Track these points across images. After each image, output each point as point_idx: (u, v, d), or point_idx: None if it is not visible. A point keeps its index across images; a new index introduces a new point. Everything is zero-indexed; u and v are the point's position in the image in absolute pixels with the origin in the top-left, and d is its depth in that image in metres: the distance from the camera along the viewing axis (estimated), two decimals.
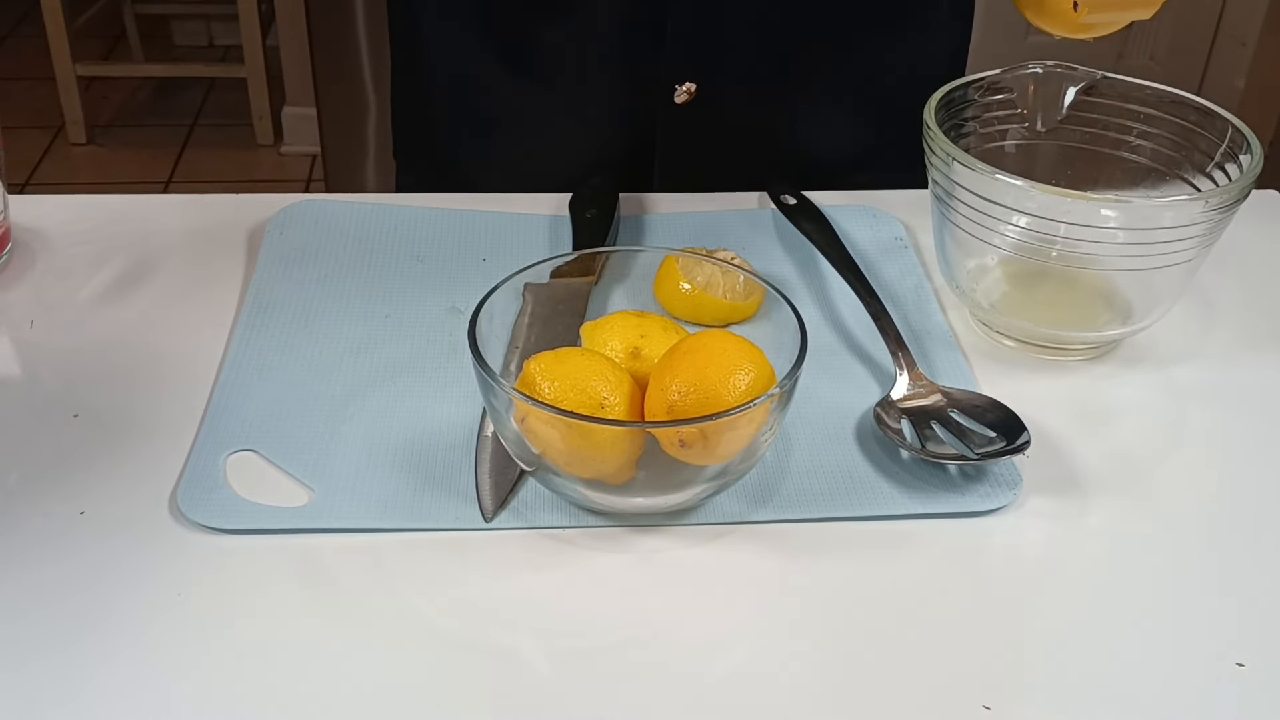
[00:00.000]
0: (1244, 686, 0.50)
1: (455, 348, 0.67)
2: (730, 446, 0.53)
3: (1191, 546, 0.57)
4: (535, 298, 0.67)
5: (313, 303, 0.70)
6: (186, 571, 0.53)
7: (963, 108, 0.70)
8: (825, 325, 0.70)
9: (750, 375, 0.54)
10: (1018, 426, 0.60)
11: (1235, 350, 0.71)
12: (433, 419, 0.62)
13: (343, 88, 2.05)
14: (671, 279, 0.69)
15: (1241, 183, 0.63)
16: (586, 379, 0.55)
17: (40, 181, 2.56)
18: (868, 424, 0.63)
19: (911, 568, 0.55)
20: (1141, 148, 0.71)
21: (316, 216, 0.78)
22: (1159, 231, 0.63)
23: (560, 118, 0.86)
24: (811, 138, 0.88)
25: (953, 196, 0.66)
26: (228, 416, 0.61)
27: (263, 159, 2.68)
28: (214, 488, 0.57)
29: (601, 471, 0.54)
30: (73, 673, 0.49)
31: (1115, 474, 0.61)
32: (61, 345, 0.67)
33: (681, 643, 0.51)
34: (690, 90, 0.81)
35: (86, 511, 0.56)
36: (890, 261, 0.76)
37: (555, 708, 0.48)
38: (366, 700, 0.48)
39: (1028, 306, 0.69)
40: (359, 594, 0.53)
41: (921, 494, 0.58)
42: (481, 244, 0.76)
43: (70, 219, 0.77)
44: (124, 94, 2.88)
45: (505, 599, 0.53)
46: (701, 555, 0.56)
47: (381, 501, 0.57)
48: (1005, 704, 0.49)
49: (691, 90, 0.81)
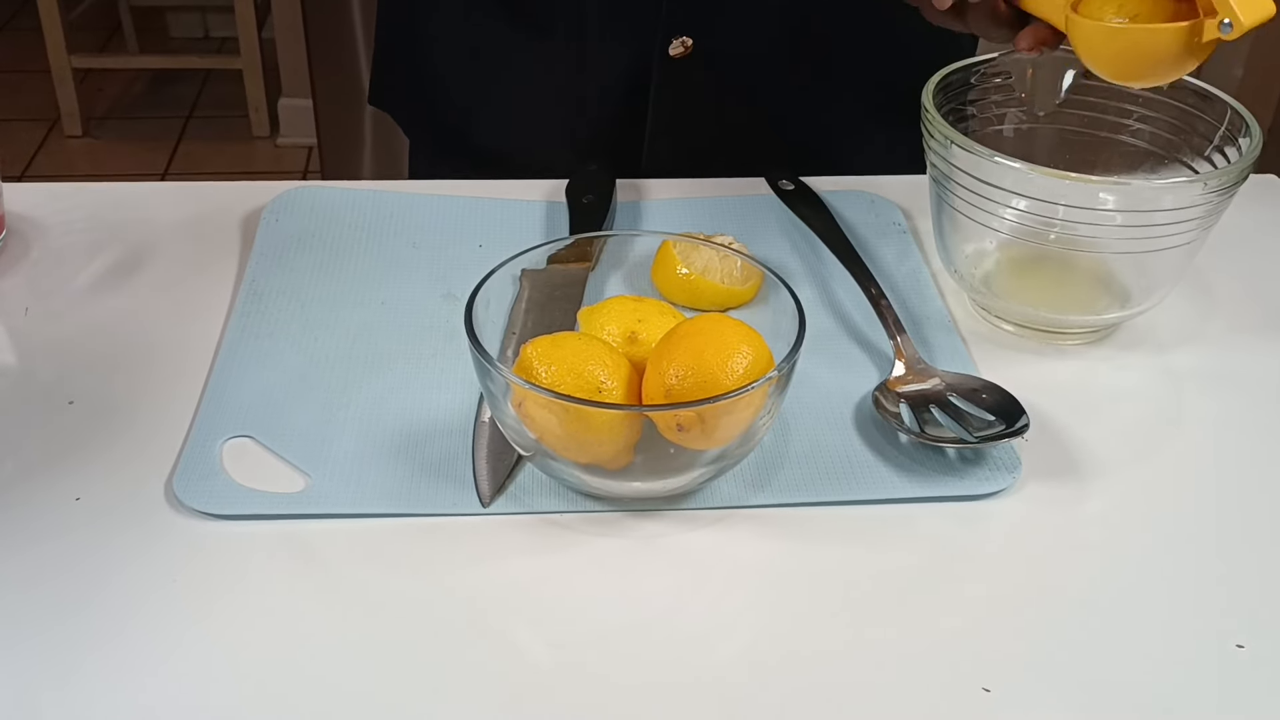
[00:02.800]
0: (1243, 668, 0.50)
1: (452, 334, 0.67)
2: (728, 430, 0.53)
3: (1190, 529, 0.57)
4: (532, 283, 0.67)
5: (308, 289, 0.70)
6: (182, 557, 0.53)
7: (961, 91, 0.70)
8: (823, 310, 0.70)
9: (748, 358, 0.54)
10: (1016, 410, 0.60)
11: (1233, 334, 0.70)
12: (429, 405, 0.62)
13: (339, 79, 2.05)
14: (669, 264, 0.68)
15: (1240, 165, 0.63)
16: (584, 363, 0.54)
17: (36, 174, 2.56)
18: (866, 408, 0.62)
19: (910, 551, 0.55)
20: (1140, 131, 0.71)
21: (311, 203, 0.77)
22: (1158, 214, 0.62)
23: (555, 65, 0.85)
24: (804, 108, 0.87)
25: (951, 180, 0.66)
26: (223, 403, 0.61)
27: (259, 151, 2.67)
28: (210, 474, 0.57)
29: (599, 456, 0.54)
30: (68, 657, 0.49)
31: (1113, 457, 0.61)
32: (56, 332, 0.67)
33: (680, 627, 0.51)
34: (686, 45, 0.80)
35: (82, 498, 0.56)
36: (888, 246, 0.76)
37: (553, 693, 0.48)
38: (362, 685, 0.48)
39: (1026, 290, 0.69)
40: (355, 580, 0.53)
41: (920, 478, 0.58)
42: (478, 230, 0.76)
43: (65, 207, 0.77)
44: (119, 86, 2.87)
45: (502, 584, 0.53)
46: (700, 539, 0.55)
47: (378, 487, 0.57)
48: (1004, 686, 0.49)
49: (687, 45, 0.81)
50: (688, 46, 0.81)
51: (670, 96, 0.84)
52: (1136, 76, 0.60)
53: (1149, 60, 0.58)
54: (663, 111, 0.85)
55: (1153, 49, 0.57)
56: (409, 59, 0.92)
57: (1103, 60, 0.60)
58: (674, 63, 0.82)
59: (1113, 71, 0.60)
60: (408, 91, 0.94)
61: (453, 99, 0.90)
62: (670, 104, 0.85)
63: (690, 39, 0.81)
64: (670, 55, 0.82)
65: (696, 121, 0.86)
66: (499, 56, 0.86)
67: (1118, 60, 0.59)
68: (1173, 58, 0.58)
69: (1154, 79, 0.60)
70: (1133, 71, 0.60)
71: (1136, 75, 0.60)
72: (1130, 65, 0.59)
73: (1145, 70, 0.59)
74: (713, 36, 0.82)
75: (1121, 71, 0.60)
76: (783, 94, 0.86)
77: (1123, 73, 0.60)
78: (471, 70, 0.88)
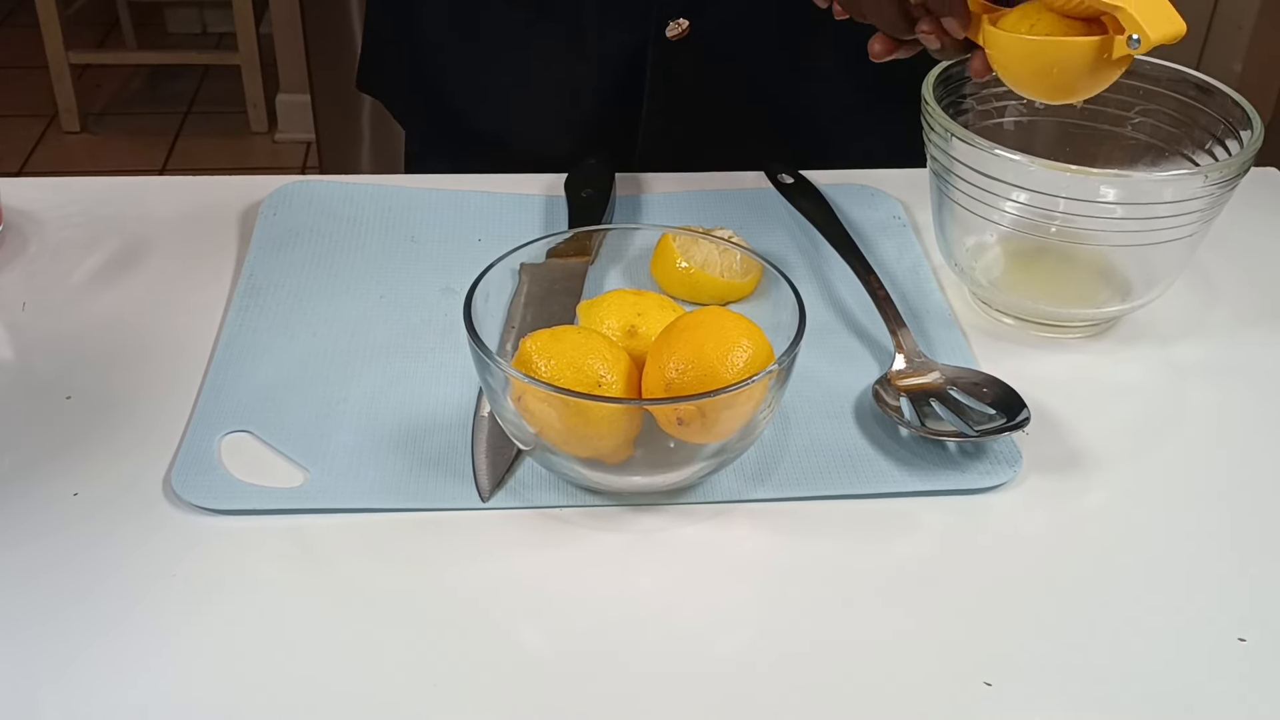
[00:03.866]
0: (1246, 661, 0.50)
1: (450, 328, 0.67)
2: (728, 424, 0.53)
3: (1191, 523, 0.57)
4: (531, 277, 0.67)
5: (306, 284, 0.70)
6: (180, 552, 0.53)
7: (961, 84, 0.70)
8: (823, 304, 0.70)
9: (748, 352, 0.54)
10: (1017, 404, 0.60)
11: (1234, 328, 0.70)
12: (428, 399, 0.62)
13: (337, 74, 2.04)
14: (668, 257, 0.68)
15: (1241, 157, 0.63)
16: (583, 357, 0.54)
17: (33, 170, 2.55)
18: (866, 402, 0.62)
19: (911, 545, 0.55)
20: (1141, 124, 0.71)
21: (309, 198, 0.77)
22: (1159, 206, 0.62)
23: (551, 48, 0.85)
24: (800, 92, 0.87)
25: (951, 173, 0.65)
26: (222, 397, 0.61)
27: (257, 146, 2.67)
28: (208, 468, 0.57)
29: (599, 450, 0.54)
30: (66, 651, 0.48)
31: (1115, 451, 0.61)
32: (54, 327, 0.66)
33: (680, 621, 0.51)
34: (682, 26, 0.80)
35: (80, 493, 0.56)
36: (888, 240, 0.75)
37: (552, 687, 0.48)
38: (361, 680, 0.48)
39: (1026, 284, 0.69)
40: (354, 575, 0.52)
41: (921, 471, 0.58)
42: (476, 224, 0.76)
43: (62, 201, 0.77)
44: (117, 82, 2.87)
45: (502, 579, 0.53)
46: (700, 534, 0.55)
47: (377, 482, 0.57)
48: (1006, 680, 0.49)
49: (684, 26, 0.80)
50: (684, 28, 0.81)
51: (666, 80, 0.84)
52: (1050, 92, 0.61)
53: (1062, 75, 0.59)
54: (658, 95, 0.84)
55: (1065, 62, 0.59)
56: (400, 41, 0.91)
57: (1016, 74, 0.61)
58: (670, 45, 0.82)
59: (1027, 86, 0.61)
60: (398, 75, 0.93)
61: (446, 82, 0.89)
62: (666, 87, 0.84)
63: (687, 20, 0.81)
64: (667, 37, 0.82)
65: (693, 106, 0.85)
66: (494, 38, 0.86)
67: (1031, 74, 0.60)
68: (1085, 72, 0.59)
69: (1067, 95, 0.61)
70: (1046, 86, 0.61)
71: (1050, 90, 0.61)
72: (1043, 80, 0.60)
73: (1058, 85, 0.60)
74: (710, 18, 0.82)
75: (1035, 86, 0.61)
76: (779, 77, 0.86)
77: (1036, 87, 0.61)
78: (466, 52, 0.87)
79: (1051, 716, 0.48)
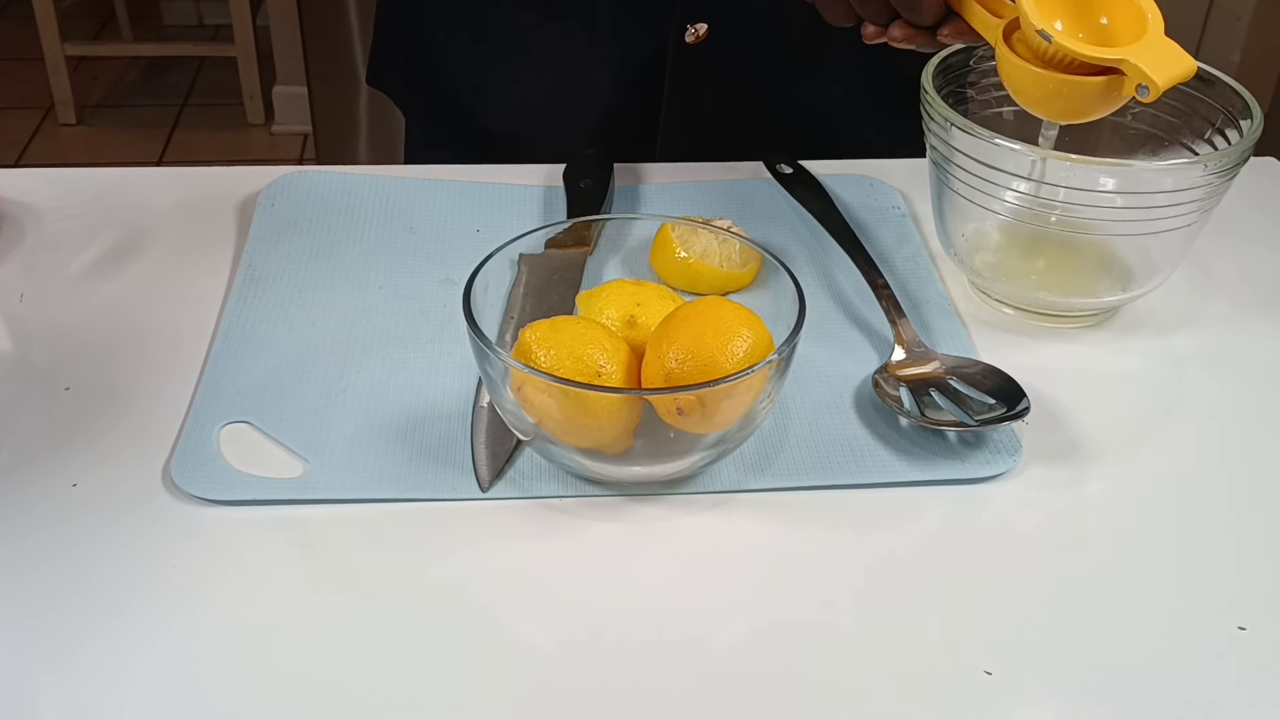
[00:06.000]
0: (1245, 650, 0.50)
1: (450, 318, 0.67)
2: (728, 414, 0.53)
3: (1190, 512, 0.57)
4: (530, 268, 0.67)
5: (305, 275, 0.70)
6: (180, 543, 0.53)
7: (961, 74, 0.70)
8: (823, 294, 0.70)
9: (748, 341, 0.54)
10: (1017, 393, 0.60)
11: (1234, 318, 0.70)
12: (428, 390, 0.61)
13: (333, 66, 2.04)
14: (667, 247, 0.68)
15: (1241, 146, 0.63)
16: (583, 347, 0.54)
17: (29, 162, 2.55)
18: (866, 392, 0.62)
19: (911, 535, 0.55)
20: (1140, 114, 0.70)
21: (308, 189, 0.77)
22: (1159, 196, 0.62)
23: (566, 49, 0.85)
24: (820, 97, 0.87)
25: (951, 162, 0.65)
26: (221, 388, 0.61)
27: (254, 138, 2.66)
28: (208, 459, 0.57)
29: (599, 441, 0.53)
30: (65, 642, 0.48)
31: (1114, 440, 0.61)
32: (52, 319, 0.66)
33: (680, 611, 0.51)
34: (700, 32, 0.80)
35: (79, 484, 0.56)
36: (887, 230, 0.75)
37: (553, 678, 0.48)
38: (360, 670, 0.48)
39: (1026, 273, 0.69)
40: (354, 565, 0.52)
41: (921, 461, 0.58)
42: (475, 215, 0.75)
43: (60, 193, 0.77)
44: (113, 74, 2.86)
45: (501, 569, 0.52)
46: (700, 524, 0.55)
47: (377, 472, 0.57)
48: (1006, 669, 0.49)
49: (701, 32, 0.80)
50: (702, 34, 0.81)
51: (685, 83, 0.84)
52: (1058, 115, 0.63)
53: (1070, 105, 0.61)
54: (678, 99, 0.84)
55: (1074, 96, 0.60)
56: (412, 39, 0.91)
57: (1027, 95, 0.62)
58: (689, 49, 0.82)
59: (1036, 107, 0.62)
60: (410, 73, 0.93)
61: (459, 82, 0.89)
62: (685, 91, 0.84)
63: (705, 25, 0.81)
64: (686, 41, 0.81)
65: (708, 108, 0.85)
66: (508, 38, 0.85)
67: (1040, 98, 0.61)
68: (1092, 105, 0.60)
69: (1075, 119, 0.62)
70: (1055, 110, 0.62)
71: (1058, 114, 0.62)
72: (1051, 104, 0.61)
73: (1067, 110, 0.61)
74: (729, 22, 0.82)
75: (1044, 108, 0.62)
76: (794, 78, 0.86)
77: (1045, 109, 0.62)
78: (479, 53, 0.87)
79: (1051, 704, 0.48)
